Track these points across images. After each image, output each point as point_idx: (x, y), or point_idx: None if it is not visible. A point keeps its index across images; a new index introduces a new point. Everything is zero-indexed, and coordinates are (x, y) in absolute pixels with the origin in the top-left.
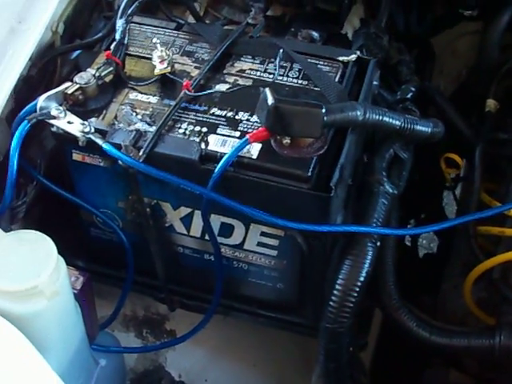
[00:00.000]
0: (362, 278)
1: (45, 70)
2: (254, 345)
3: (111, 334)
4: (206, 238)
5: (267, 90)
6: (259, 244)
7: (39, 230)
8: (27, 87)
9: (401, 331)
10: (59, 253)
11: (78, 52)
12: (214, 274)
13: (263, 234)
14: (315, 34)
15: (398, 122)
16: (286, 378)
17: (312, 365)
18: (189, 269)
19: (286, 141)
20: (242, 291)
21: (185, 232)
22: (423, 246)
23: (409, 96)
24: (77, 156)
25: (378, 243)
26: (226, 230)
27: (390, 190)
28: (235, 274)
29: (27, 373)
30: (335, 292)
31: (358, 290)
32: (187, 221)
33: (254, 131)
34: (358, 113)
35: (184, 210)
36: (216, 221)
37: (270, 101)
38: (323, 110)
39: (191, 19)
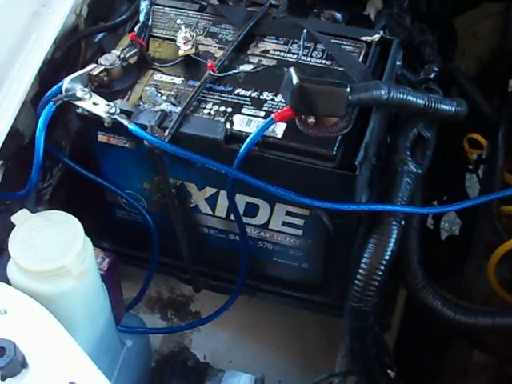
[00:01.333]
0: (387, 257)
1: (69, 52)
2: (278, 326)
3: (137, 315)
4: (231, 218)
5: (292, 70)
6: (284, 224)
7: (65, 212)
8: (52, 70)
9: (425, 311)
10: (85, 234)
11: (101, 34)
12: (238, 254)
13: (288, 213)
14: (338, 15)
15: (422, 101)
16: (310, 359)
17: (336, 346)
18: (214, 249)
19: (311, 120)
20: (267, 271)
21: (210, 212)
22: (445, 229)
23: (432, 76)
24: (102, 137)
25: (403, 222)
26: (251, 210)
27: (414, 169)
28: (260, 254)
29: (57, 351)
30: (360, 271)
31: (383, 268)
32: (212, 201)
33: (279, 111)
34: (383, 92)
35: (209, 191)
36: (241, 201)
37: (295, 80)
38: (348, 89)
39: (214, 1)
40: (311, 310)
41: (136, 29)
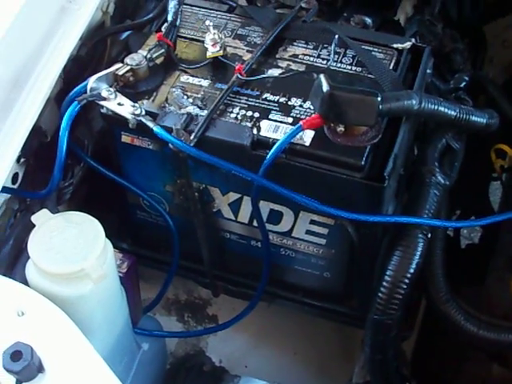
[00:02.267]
0: (412, 270)
1: (94, 50)
2: (294, 333)
3: (154, 318)
4: (254, 224)
5: (322, 77)
6: (308, 232)
7: (85, 212)
8: (76, 67)
9: (448, 324)
10: (105, 235)
11: (127, 32)
12: (259, 260)
13: (313, 222)
14: (368, 20)
15: (453, 112)
16: (327, 366)
17: (353, 354)
18: (234, 255)
19: (340, 128)
20: (288, 279)
21: (232, 218)
22: (464, 236)
23: (462, 85)
24: (126, 138)
25: (429, 235)
26: (275, 217)
27: (442, 181)
28: (282, 262)
29: (73, 356)
30: (384, 283)
31: (407, 281)
32: (235, 206)
33: (308, 118)
34: (414, 102)
35: (233, 196)
36: (265, 207)
37: (325, 87)
38: (379, 98)
39: (242, 2)
40: (331, 320)
41: (163, 28)
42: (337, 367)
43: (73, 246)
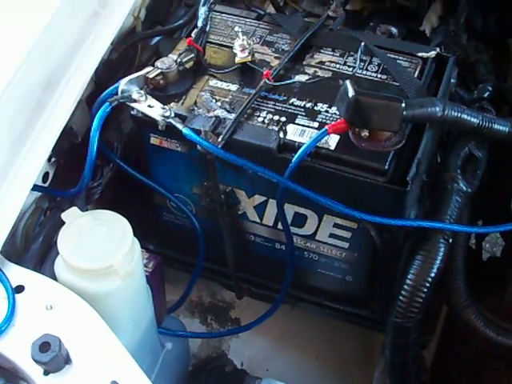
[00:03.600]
0: (433, 274)
1: (125, 54)
2: (316, 337)
3: (177, 318)
4: (279, 227)
5: (348, 82)
6: (331, 235)
7: None
8: (107, 71)
9: (467, 330)
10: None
11: (158, 38)
12: (283, 263)
13: (336, 225)
14: (394, 30)
15: (476, 120)
16: (348, 370)
17: (374, 358)
18: (259, 257)
19: (365, 133)
20: (311, 282)
21: (257, 220)
22: (486, 250)
23: (486, 95)
24: (155, 140)
25: (450, 240)
26: (299, 220)
27: (464, 188)
28: (305, 265)
29: (100, 349)
30: (405, 287)
31: (428, 285)
32: (261, 209)
33: (333, 122)
34: (438, 109)
35: (258, 199)
36: (289, 210)
37: (351, 93)
38: (403, 105)
39: (271, 10)
40: (353, 323)
41: (193, 34)
42: (357, 372)
43: (101, 243)
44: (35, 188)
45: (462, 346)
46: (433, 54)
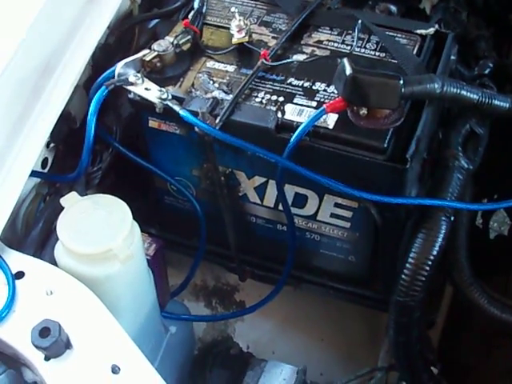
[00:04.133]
0: (435, 252)
1: (122, 38)
2: (321, 319)
3: (181, 302)
4: (279, 208)
5: (345, 61)
6: (332, 215)
7: None
8: (105, 55)
9: (471, 308)
10: (133, 218)
11: (155, 21)
12: (285, 244)
13: (337, 205)
14: (393, 8)
15: (475, 96)
16: (354, 352)
17: (380, 339)
18: (261, 239)
19: (363, 111)
20: (313, 263)
21: (258, 202)
22: (494, 229)
23: (486, 72)
24: (153, 123)
25: (452, 218)
26: (300, 201)
27: (466, 165)
28: (307, 246)
29: (101, 334)
30: (408, 265)
31: (430, 263)
32: (261, 190)
33: (331, 101)
34: (436, 85)
35: (258, 180)
36: (290, 191)
37: (348, 71)
38: (401, 82)
39: None
40: (356, 303)
41: (190, 16)
42: (363, 352)
43: (101, 228)
44: (34, 174)
45: (467, 325)
46: (431, 30)
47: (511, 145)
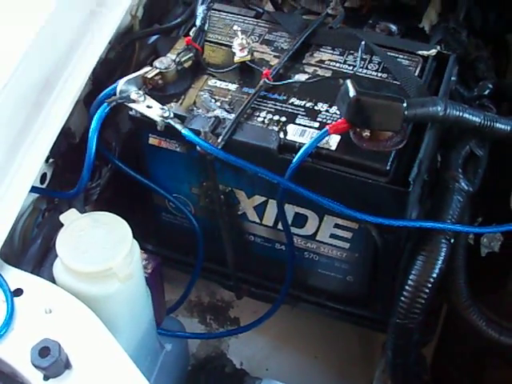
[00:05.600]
0: (435, 275)
1: (123, 53)
2: (315, 336)
3: (177, 319)
4: (279, 227)
5: (349, 82)
6: (332, 236)
7: (111, 213)
8: (105, 70)
9: (469, 330)
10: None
11: (155, 37)
12: (283, 263)
13: (337, 225)
14: (393, 27)
15: (478, 119)
16: (347, 370)
17: (374, 359)
18: (259, 257)
19: (366, 133)
20: (311, 282)
21: (257, 221)
22: (484, 245)
23: (486, 93)
24: (153, 140)
25: (452, 240)
26: (300, 221)
27: (466, 187)
28: (305, 265)
29: (100, 353)
30: (407, 288)
31: (430, 286)
32: (260, 209)
33: (334, 122)
34: (439, 108)
35: (258, 199)
36: (290, 211)
37: (352, 93)
38: (404, 104)
39: (268, 8)
40: (354, 324)
41: (192, 33)
42: (357, 371)
43: (100, 246)
44: (33, 189)
45: (461, 344)
46: (433, 52)
47: (506, 165)
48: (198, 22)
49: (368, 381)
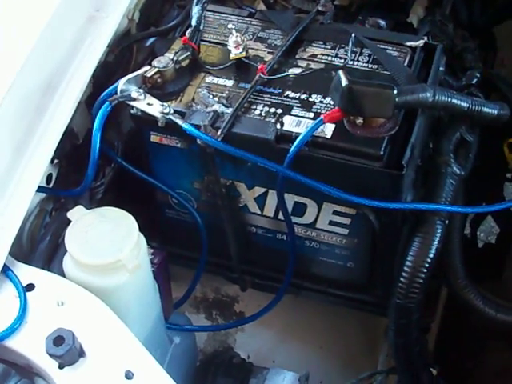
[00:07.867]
0: (431, 255)
1: (121, 56)
2: (320, 327)
3: (184, 314)
4: (279, 217)
5: (341, 72)
6: (331, 223)
7: None
8: (105, 73)
9: (467, 309)
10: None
11: (152, 39)
12: (285, 253)
13: (335, 212)
14: (382, 22)
15: (466, 104)
16: (353, 360)
17: (378, 347)
18: (261, 248)
19: (359, 121)
20: (313, 270)
21: (258, 212)
22: (481, 239)
23: (473, 82)
24: (155, 137)
25: (447, 222)
26: (299, 209)
27: (458, 171)
28: (306, 253)
29: (113, 341)
30: (405, 268)
31: (428, 266)
32: (261, 201)
33: (328, 112)
34: (428, 94)
35: (258, 190)
36: (289, 200)
37: (344, 82)
38: (395, 91)
39: (261, 7)
40: (356, 309)
41: (188, 33)
42: (362, 359)
43: (108, 239)
44: (40, 189)
45: (463, 329)
46: (421, 43)
47: (497, 152)
48: (193, 22)
49: (373, 367)
